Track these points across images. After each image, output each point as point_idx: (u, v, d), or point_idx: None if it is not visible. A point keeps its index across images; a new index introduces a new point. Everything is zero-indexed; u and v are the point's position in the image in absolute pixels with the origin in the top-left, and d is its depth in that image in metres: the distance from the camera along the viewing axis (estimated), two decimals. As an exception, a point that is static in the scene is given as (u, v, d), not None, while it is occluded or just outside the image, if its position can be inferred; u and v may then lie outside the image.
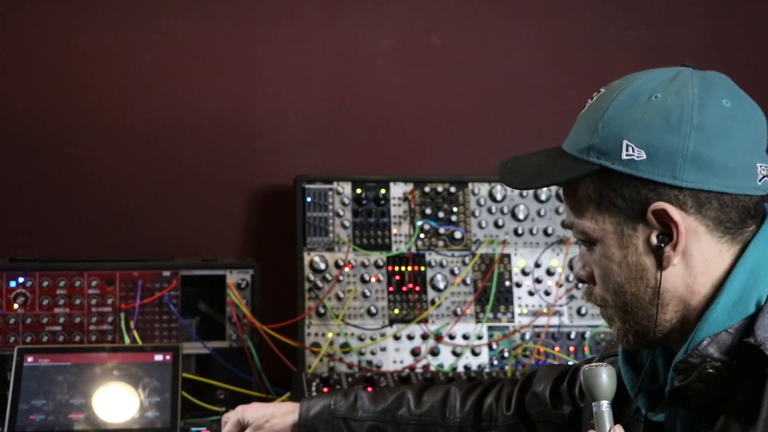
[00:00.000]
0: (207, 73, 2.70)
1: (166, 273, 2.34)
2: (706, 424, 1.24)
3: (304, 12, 2.76)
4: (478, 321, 2.47)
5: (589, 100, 1.32)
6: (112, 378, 2.10)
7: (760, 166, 1.23)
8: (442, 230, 2.53)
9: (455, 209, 2.55)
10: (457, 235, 2.52)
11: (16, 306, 2.28)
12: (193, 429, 2.16)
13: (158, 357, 2.13)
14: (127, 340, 2.28)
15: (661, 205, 1.21)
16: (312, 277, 2.45)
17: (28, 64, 2.62)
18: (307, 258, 2.46)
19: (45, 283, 2.29)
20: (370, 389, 1.88)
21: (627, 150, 1.22)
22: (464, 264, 2.51)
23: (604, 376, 1.24)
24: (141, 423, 2.06)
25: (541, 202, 2.58)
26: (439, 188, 2.55)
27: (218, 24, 2.72)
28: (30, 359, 2.09)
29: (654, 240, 1.24)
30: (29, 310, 2.28)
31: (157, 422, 2.06)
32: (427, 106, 2.81)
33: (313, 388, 2.17)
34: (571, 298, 2.52)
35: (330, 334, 2.41)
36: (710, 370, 1.21)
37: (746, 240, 1.25)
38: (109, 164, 2.64)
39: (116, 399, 2.08)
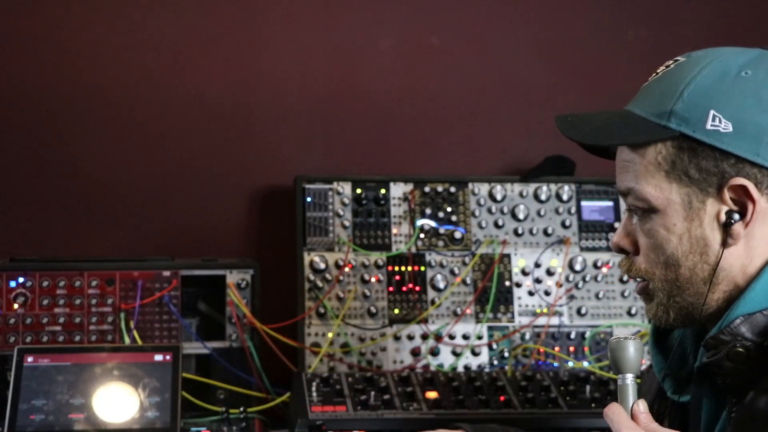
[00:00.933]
0: (207, 73, 2.70)
1: (166, 273, 2.34)
2: (732, 405, 1.22)
3: (304, 12, 2.76)
4: (478, 321, 2.47)
5: (663, 68, 1.30)
6: (112, 378, 2.10)
7: None
8: (442, 230, 2.53)
9: (455, 209, 2.55)
10: (457, 235, 2.52)
11: (16, 306, 2.28)
12: (193, 429, 2.16)
13: (158, 357, 2.13)
14: (127, 340, 2.28)
15: (741, 180, 1.20)
16: (312, 277, 2.45)
17: (27, 64, 2.62)
18: (307, 258, 2.46)
19: (45, 283, 2.29)
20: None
21: (713, 120, 1.20)
22: (464, 264, 2.51)
23: (632, 349, 1.21)
24: (141, 423, 2.06)
25: (541, 202, 2.58)
26: (439, 188, 2.55)
27: (218, 24, 2.72)
28: (30, 359, 2.09)
29: (723, 216, 1.22)
30: (29, 310, 2.28)
31: (157, 422, 2.06)
32: (427, 106, 2.81)
33: (313, 388, 2.17)
34: (571, 298, 2.52)
35: (330, 334, 2.41)
36: (740, 349, 1.19)
37: None
38: (109, 164, 2.64)
39: (116, 399, 2.08)
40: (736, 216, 1.21)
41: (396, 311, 2.46)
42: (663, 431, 1.16)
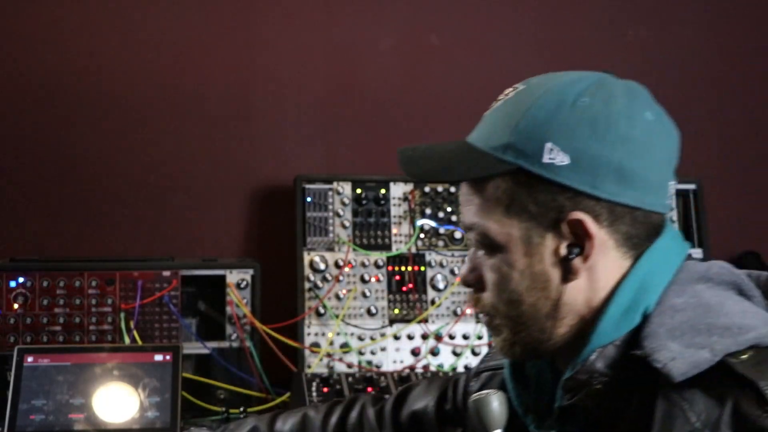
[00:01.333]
0: (207, 73, 2.71)
1: (166, 273, 2.34)
2: None
3: (304, 12, 2.76)
4: (478, 321, 2.47)
5: (503, 96, 1.24)
6: (112, 378, 2.10)
7: (671, 184, 1.19)
8: (442, 230, 2.53)
9: (455, 209, 2.55)
10: (457, 235, 2.52)
11: (16, 306, 2.27)
12: (193, 429, 2.16)
13: (158, 357, 2.13)
14: (127, 340, 2.28)
15: (578, 215, 1.14)
16: (312, 277, 2.45)
17: (28, 64, 2.62)
18: (307, 258, 2.46)
19: (45, 283, 2.29)
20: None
21: (549, 153, 1.15)
22: (464, 264, 2.50)
23: (495, 404, 1.16)
24: (141, 423, 2.06)
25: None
26: (439, 188, 2.55)
27: (218, 24, 2.72)
28: (30, 359, 2.09)
29: (563, 250, 1.16)
30: (29, 310, 2.28)
31: (157, 422, 2.06)
32: (427, 106, 2.81)
33: (313, 388, 2.17)
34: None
35: (330, 334, 2.41)
36: (598, 386, 1.14)
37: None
38: (110, 164, 2.64)
39: (116, 399, 2.08)
40: (576, 250, 1.16)
41: (396, 311, 2.46)
42: None
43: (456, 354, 2.44)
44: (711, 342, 1.07)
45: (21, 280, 2.29)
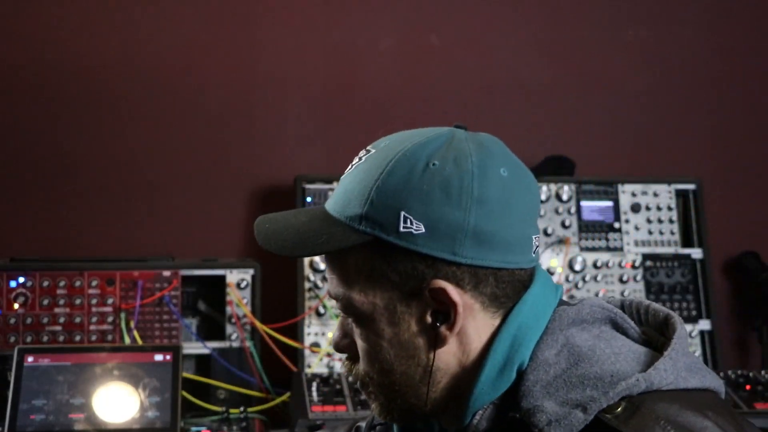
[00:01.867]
0: (207, 73, 2.71)
1: (166, 273, 2.34)
2: None
3: (304, 12, 2.76)
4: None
5: (356, 160, 1.20)
6: (113, 378, 2.10)
7: (535, 238, 1.16)
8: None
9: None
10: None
11: (16, 306, 2.28)
12: (194, 429, 2.16)
13: (158, 357, 2.13)
14: (127, 340, 2.28)
15: (439, 283, 1.11)
16: (312, 277, 2.44)
17: (28, 64, 2.62)
18: (307, 258, 2.46)
19: (45, 283, 2.29)
20: None
21: (405, 222, 1.11)
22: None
23: None
24: (141, 423, 2.06)
25: (540, 202, 2.57)
26: (439, 188, 2.55)
27: (218, 24, 2.72)
28: (30, 359, 2.09)
29: (429, 318, 1.13)
30: (29, 310, 2.28)
31: (157, 422, 2.06)
32: (427, 106, 2.81)
33: (313, 388, 2.17)
34: (571, 298, 2.51)
35: (330, 334, 2.41)
36: None
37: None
38: (109, 164, 2.64)
39: (116, 399, 2.08)
40: (441, 317, 1.13)
41: (396, 311, 2.45)
42: None
43: (456, 354, 2.44)
44: (584, 398, 1.06)
45: (21, 280, 2.29)
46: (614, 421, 1.04)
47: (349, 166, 1.20)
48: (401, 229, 1.11)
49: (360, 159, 1.19)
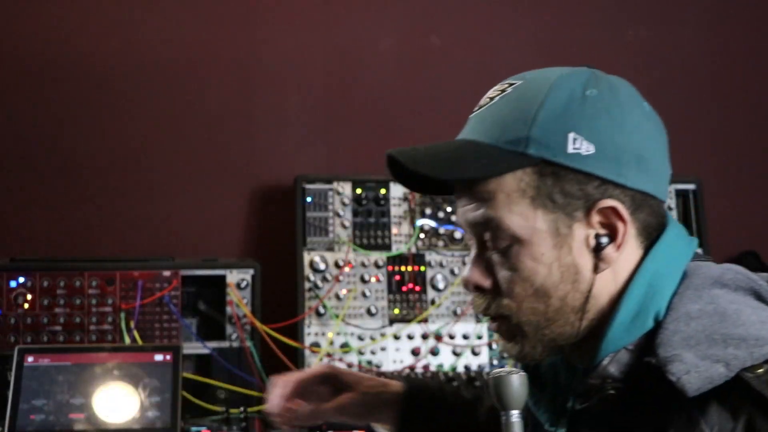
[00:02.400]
0: (207, 73, 2.71)
1: (167, 273, 2.34)
2: None
3: (304, 11, 2.76)
4: (478, 321, 2.47)
5: (495, 93, 1.22)
6: (113, 378, 2.10)
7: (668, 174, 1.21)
8: (442, 230, 2.53)
9: (455, 209, 2.55)
10: (457, 235, 2.52)
11: (16, 306, 2.27)
12: (194, 429, 2.16)
13: (158, 357, 2.13)
14: (127, 340, 2.28)
15: (610, 202, 1.13)
16: (312, 277, 2.45)
17: (27, 63, 2.62)
18: (307, 258, 2.46)
19: (45, 283, 2.29)
20: None
21: (574, 143, 1.13)
22: (464, 264, 2.51)
23: (516, 384, 1.12)
24: (141, 423, 2.06)
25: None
26: (439, 188, 2.55)
27: (218, 24, 2.72)
28: (30, 359, 2.09)
29: (591, 240, 1.14)
30: (29, 310, 2.28)
31: (157, 422, 2.06)
32: (428, 106, 2.81)
33: (313, 388, 2.17)
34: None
35: (330, 334, 2.41)
36: (611, 392, 1.13)
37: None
38: (110, 164, 2.65)
39: (116, 399, 2.08)
40: (605, 239, 1.14)
41: (396, 311, 2.46)
42: None
43: (456, 354, 2.44)
44: (726, 355, 1.05)
45: (21, 280, 2.29)
46: (756, 380, 1.03)
47: (487, 100, 1.22)
48: (569, 151, 1.12)
49: (503, 92, 1.20)
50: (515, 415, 1.11)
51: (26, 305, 2.28)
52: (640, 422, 1.11)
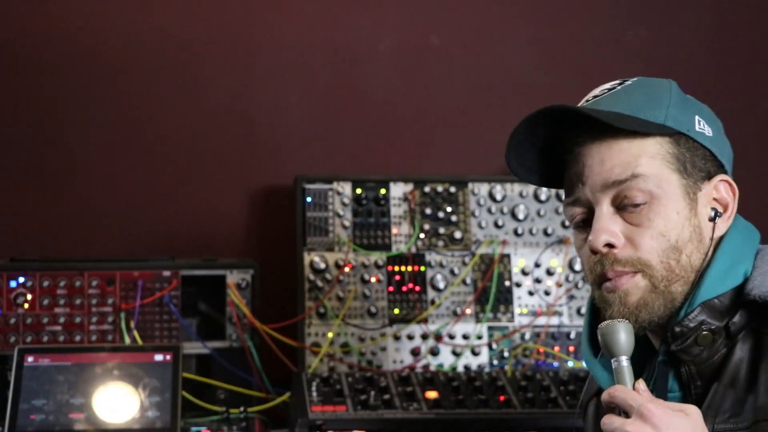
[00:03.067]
0: (207, 73, 2.70)
1: (166, 273, 2.34)
2: (696, 396, 1.29)
3: (304, 12, 2.76)
4: (478, 321, 2.47)
5: (617, 83, 1.40)
6: (113, 378, 2.10)
7: None
8: (442, 230, 2.53)
9: (455, 209, 2.55)
10: (457, 235, 2.52)
11: (16, 306, 2.28)
12: (194, 429, 2.16)
13: (158, 357, 2.13)
14: (127, 340, 2.28)
15: (726, 177, 1.36)
16: (312, 277, 2.45)
17: (26, 62, 2.62)
18: (307, 258, 2.46)
19: (45, 283, 2.30)
20: None
21: (699, 124, 1.34)
22: (464, 264, 2.51)
23: (623, 332, 1.24)
24: (141, 423, 2.06)
25: (540, 202, 2.58)
26: (439, 188, 2.55)
27: (218, 24, 2.72)
28: (30, 359, 2.09)
29: (710, 210, 1.34)
30: (29, 310, 2.28)
31: (157, 422, 2.06)
32: (427, 106, 2.81)
33: (313, 388, 2.17)
34: (571, 298, 2.52)
35: (330, 334, 2.41)
36: (706, 332, 1.27)
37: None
38: (109, 164, 2.64)
39: (116, 399, 2.08)
40: (720, 210, 1.35)
41: (396, 311, 2.46)
42: (676, 405, 1.19)
43: (456, 354, 2.44)
44: None
45: (21, 280, 2.29)
46: None
47: (605, 90, 1.40)
48: (697, 129, 1.34)
49: (622, 83, 1.40)
50: (624, 359, 1.23)
51: (26, 305, 2.28)
52: (730, 364, 1.28)
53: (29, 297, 2.28)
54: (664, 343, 1.31)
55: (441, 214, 2.54)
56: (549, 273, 2.53)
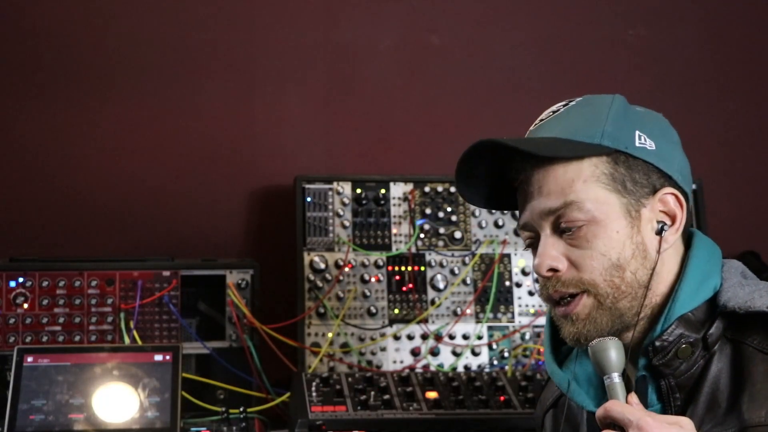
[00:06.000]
0: (207, 73, 2.71)
1: (166, 273, 2.34)
2: (676, 408, 1.33)
3: (304, 12, 2.76)
4: (478, 321, 2.47)
5: (561, 106, 1.44)
6: (112, 378, 2.10)
7: None
8: (442, 230, 2.53)
9: (455, 209, 2.55)
10: (457, 234, 2.52)
11: (16, 306, 2.27)
12: (193, 429, 2.16)
13: (158, 357, 2.13)
14: (127, 340, 2.28)
15: (671, 190, 1.35)
16: (312, 277, 2.45)
17: (26, 61, 2.62)
18: (307, 258, 2.46)
19: (45, 283, 2.29)
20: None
21: (640, 139, 1.35)
22: (464, 264, 2.51)
23: (613, 349, 1.28)
24: (141, 423, 2.06)
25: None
26: (439, 188, 2.55)
27: (218, 24, 2.72)
28: (30, 359, 2.09)
29: (655, 224, 1.34)
30: (29, 310, 2.28)
31: (157, 422, 2.06)
32: (427, 106, 2.81)
33: (313, 388, 2.17)
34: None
35: (330, 334, 2.41)
36: (685, 345, 1.31)
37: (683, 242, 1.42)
38: (109, 164, 2.64)
39: (116, 399, 2.08)
40: (665, 224, 1.35)
41: (396, 311, 2.46)
42: (671, 418, 1.22)
43: (456, 354, 2.44)
44: None
45: (21, 280, 2.29)
46: None
47: (549, 113, 1.44)
48: (637, 144, 1.35)
49: (566, 105, 1.44)
50: (616, 376, 1.27)
51: (26, 305, 2.28)
52: (708, 374, 1.31)
53: (29, 297, 2.28)
54: (644, 358, 1.35)
55: (441, 214, 2.54)
56: (549, 273, 2.53)
